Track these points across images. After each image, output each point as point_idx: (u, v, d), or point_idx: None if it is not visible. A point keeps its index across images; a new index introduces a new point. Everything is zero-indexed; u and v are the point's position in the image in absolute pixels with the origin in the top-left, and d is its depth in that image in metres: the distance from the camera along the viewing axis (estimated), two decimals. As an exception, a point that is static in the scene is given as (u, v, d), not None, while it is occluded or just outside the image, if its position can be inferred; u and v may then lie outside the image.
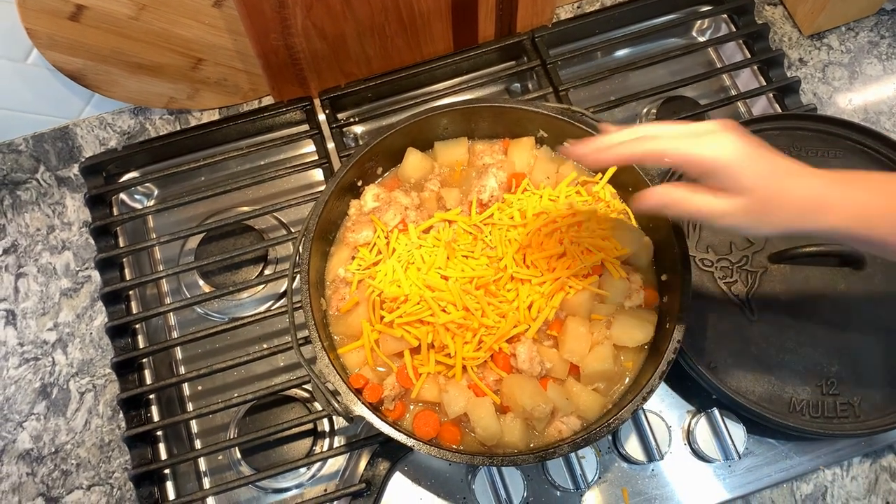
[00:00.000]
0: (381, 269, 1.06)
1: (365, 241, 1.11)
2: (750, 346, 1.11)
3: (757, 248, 1.15)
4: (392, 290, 1.04)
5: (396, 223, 1.10)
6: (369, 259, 1.09)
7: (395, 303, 1.04)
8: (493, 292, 1.04)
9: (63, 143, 1.41)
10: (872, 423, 1.06)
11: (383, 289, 1.04)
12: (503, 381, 1.01)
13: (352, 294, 1.08)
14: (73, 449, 1.21)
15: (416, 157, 1.15)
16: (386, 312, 1.04)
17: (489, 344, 1.01)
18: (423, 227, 1.10)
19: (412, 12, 1.28)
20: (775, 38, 1.47)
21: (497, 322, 1.02)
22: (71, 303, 1.30)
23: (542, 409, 0.97)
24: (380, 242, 1.09)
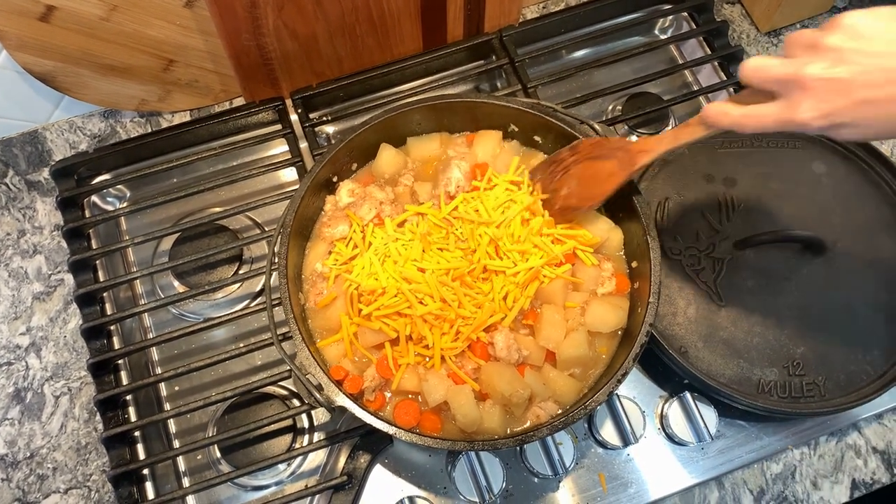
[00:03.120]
0: (358, 262, 1.08)
1: (341, 235, 1.12)
2: (719, 330, 1.14)
3: (722, 235, 1.19)
4: (369, 283, 1.05)
5: (371, 217, 1.11)
6: (346, 254, 1.10)
7: (372, 296, 1.05)
8: (468, 283, 1.06)
9: (32, 148, 1.40)
10: (837, 402, 1.10)
11: (360, 282, 1.06)
12: (481, 368, 1.03)
13: (329, 289, 1.09)
14: (48, 453, 1.20)
15: (389, 152, 1.17)
16: (364, 305, 1.05)
17: (466, 334, 1.03)
18: (398, 220, 1.12)
19: (382, 12, 1.30)
20: (734, 35, 1.52)
21: (474, 313, 1.04)
22: (44, 306, 1.29)
23: (521, 395, 0.99)
24: (356, 237, 1.11)
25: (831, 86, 0.72)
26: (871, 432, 1.21)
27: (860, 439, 1.20)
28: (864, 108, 0.71)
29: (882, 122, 0.72)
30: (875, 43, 0.71)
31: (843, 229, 1.19)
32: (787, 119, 0.76)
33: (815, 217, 1.20)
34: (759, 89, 0.80)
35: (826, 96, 0.72)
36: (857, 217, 1.21)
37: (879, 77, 0.70)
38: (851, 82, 0.71)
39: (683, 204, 1.22)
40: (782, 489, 1.17)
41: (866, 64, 0.70)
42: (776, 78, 0.77)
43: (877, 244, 1.19)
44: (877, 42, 0.71)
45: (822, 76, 0.72)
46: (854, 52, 0.71)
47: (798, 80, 0.74)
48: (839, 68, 0.71)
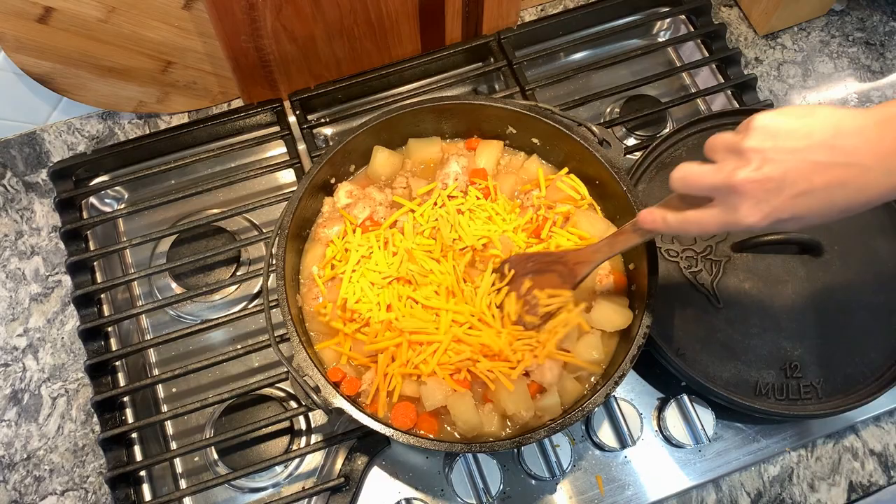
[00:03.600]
0: (346, 274, 1.08)
1: (337, 236, 1.12)
2: (716, 332, 1.14)
3: (720, 237, 1.19)
4: (354, 304, 1.05)
5: (365, 216, 1.11)
6: (339, 245, 1.10)
7: (357, 314, 1.06)
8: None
9: (30, 149, 1.40)
10: (834, 404, 1.10)
11: (347, 297, 1.06)
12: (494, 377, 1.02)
13: (323, 295, 1.09)
14: (45, 454, 1.20)
15: (383, 154, 1.17)
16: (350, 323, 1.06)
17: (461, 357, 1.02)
18: (389, 221, 1.12)
19: (380, 14, 1.30)
20: (732, 37, 1.52)
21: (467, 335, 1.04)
22: (41, 308, 1.29)
23: (522, 417, 0.99)
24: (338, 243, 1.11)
25: (764, 186, 0.74)
26: (869, 435, 1.21)
27: (857, 442, 1.20)
28: (801, 200, 0.73)
29: (821, 210, 0.74)
30: (791, 139, 0.73)
31: (840, 232, 1.19)
32: (731, 222, 0.78)
33: (813, 219, 1.20)
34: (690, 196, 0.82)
35: (762, 196, 0.74)
36: (855, 220, 1.17)
37: (805, 169, 0.72)
38: (783, 179, 0.73)
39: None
40: (779, 491, 1.17)
41: (789, 160, 0.73)
42: (710, 186, 0.78)
43: (873, 247, 1.19)
44: (792, 138, 0.73)
45: (753, 178, 0.74)
46: (775, 150, 0.73)
47: (731, 186, 0.75)
48: (767, 168, 0.73)
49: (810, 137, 0.72)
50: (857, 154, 0.72)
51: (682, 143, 1.24)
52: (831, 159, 0.72)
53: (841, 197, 0.73)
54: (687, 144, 1.24)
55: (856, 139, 0.72)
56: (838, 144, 0.72)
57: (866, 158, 0.71)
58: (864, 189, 0.73)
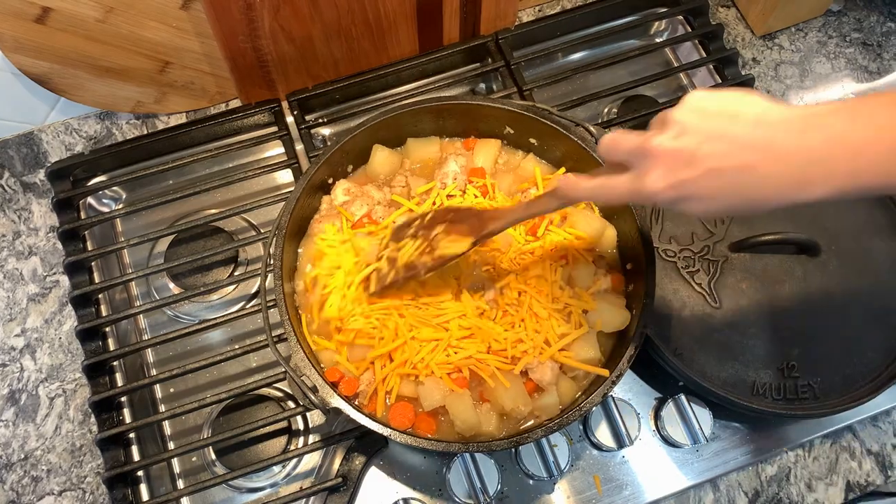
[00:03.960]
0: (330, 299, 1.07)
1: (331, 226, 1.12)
2: (714, 332, 1.14)
3: (718, 237, 1.19)
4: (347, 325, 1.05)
5: (363, 214, 1.11)
6: (333, 238, 1.10)
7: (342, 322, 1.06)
8: None
9: (28, 149, 1.40)
10: (831, 404, 1.10)
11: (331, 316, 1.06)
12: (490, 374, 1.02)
13: (312, 296, 1.09)
14: (43, 455, 1.20)
15: (383, 153, 1.17)
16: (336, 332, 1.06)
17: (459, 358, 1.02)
18: (388, 220, 1.12)
19: (378, 14, 1.31)
20: (729, 38, 1.52)
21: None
22: (39, 308, 1.29)
23: (521, 412, 1.00)
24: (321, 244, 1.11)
25: (676, 155, 0.72)
26: (866, 434, 1.21)
27: (855, 441, 1.21)
28: (711, 177, 0.72)
29: (728, 194, 0.73)
30: (715, 118, 0.72)
31: (838, 232, 1.19)
32: (637, 189, 0.77)
33: (810, 220, 1.20)
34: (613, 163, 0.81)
35: (672, 165, 0.73)
36: (851, 220, 1.21)
37: (722, 147, 0.71)
38: (695, 151, 0.71)
39: (678, 206, 1.22)
40: (777, 491, 1.17)
41: (707, 135, 0.71)
42: (626, 149, 0.78)
43: (871, 247, 1.19)
44: (717, 117, 0.72)
45: (666, 145, 0.73)
46: (696, 125, 0.72)
47: (645, 149, 0.75)
48: (683, 138, 0.72)
49: (734, 119, 0.71)
50: (773, 143, 0.70)
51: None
52: (748, 142, 0.70)
53: (748, 184, 0.72)
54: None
55: (776, 129, 0.70)
56: (759, 131, 0.70)
57: (781, 150, 0.70)
58: (770, 179, 0.71)
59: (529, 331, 1.04)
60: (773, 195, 0.72)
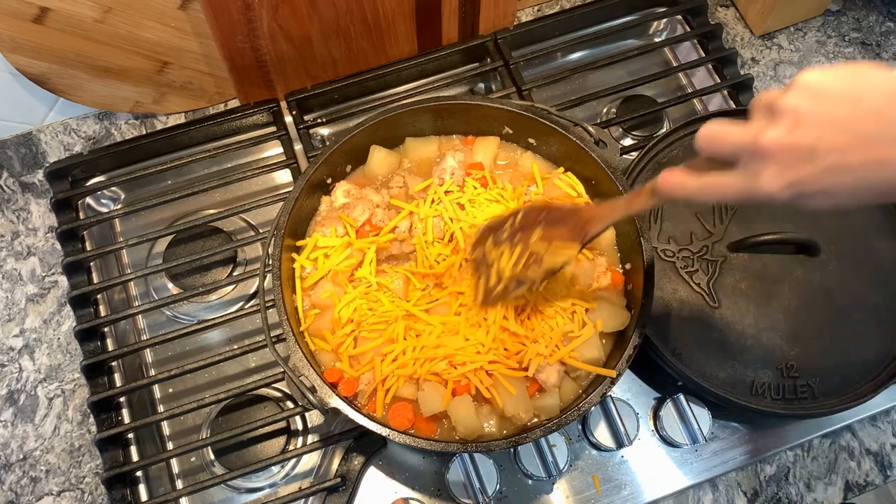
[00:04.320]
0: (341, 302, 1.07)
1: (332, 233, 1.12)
2: (712, 332, 1.14)
3: (716, 237, 1.19)
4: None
5: (364, 220, 1.11)
6: (334, 241, 1.10)
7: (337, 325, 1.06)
8: None
9: (27, 149, 1.40)
10: (830, 403, 1.10)
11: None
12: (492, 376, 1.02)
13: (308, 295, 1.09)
14: (42, 455, 1.20)
15: (380, 153, 1.17)
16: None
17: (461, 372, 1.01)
18: (390, 226, 1.11)
19: (376, 14, 1.31)
20: (728, 37, 1.52)
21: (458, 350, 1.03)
22: (37, 308, 1.29)
23: (521, 419, 0.99)
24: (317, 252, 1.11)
25: (793, 151, 0.65)
26: (865, 434, 1.21)
27: (854, 441, 1.21)
28: (834, 174, 0.64)
29: (854, 189, 0.65)
30: (835, 102, 0.64)
31: (836, 231, 1.19)
32: (751, 189, 0.69)
33: (809, 219, 1.20)
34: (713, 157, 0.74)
35: (790, 163, 0.65)
36: (851, 220, 1.21)
37: (844, 140, 0.63)
38: (814, 147, 0.64)
39: (677, 206, 1.22)
40: (776, 491, 1.17)
41: (830, 124, 0.63)
42: (735, 145, 0.70)
43: (869, 246, 1.19)
44: (836, 101, 0.64)
45: (781, 141, 0.65)
46: (813, 113, 0.64)
47: (756, 147, 0.67)
48: (799, 131, 0.64)
49: (857, 103, 0.63)
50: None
51: (678, 144, 1.24)
52: (877, 132, 0.62)
53: (881, 178, 0.63)
54: (683, 144, 1.24)
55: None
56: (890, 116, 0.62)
57: None
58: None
59: (544, 330, 1.03)
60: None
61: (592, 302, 1.06)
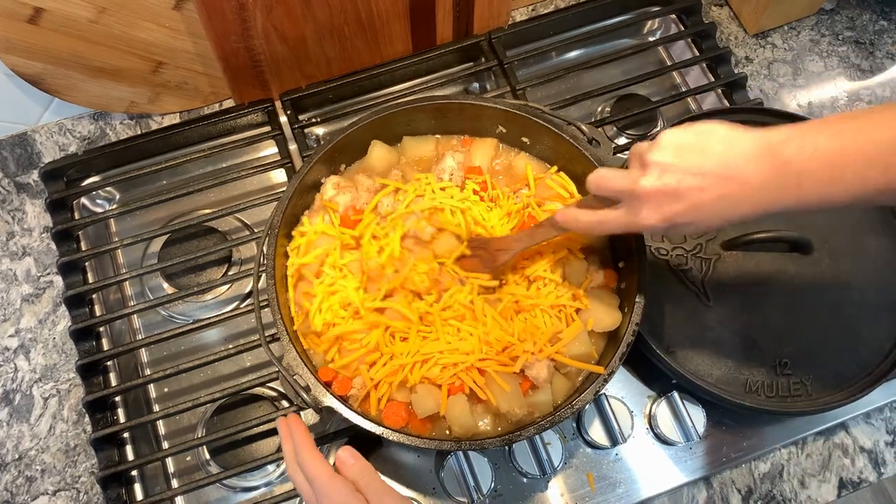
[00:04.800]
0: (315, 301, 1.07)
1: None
2: (706, 330, 1.14)
3: (710, 236, 1.19)
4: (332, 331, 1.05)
5: (346, 205, 1.11)
6: (318, 228, 1.10)
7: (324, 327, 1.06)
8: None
9: (21, 150, 1.40)
10: (824, 401, 1.10)
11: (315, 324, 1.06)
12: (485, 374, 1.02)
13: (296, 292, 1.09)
14: (37, 455, 1.20)
15: (381, 149, 1.17)
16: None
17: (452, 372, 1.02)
18: (371, 205, 1.11)
19: (371, 14, 1.31)
20: (722, 36, 1.52)
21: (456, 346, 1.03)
22: (33, 308, 1.29)
23: (516, 414, 1.00)
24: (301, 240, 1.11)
25: (663, 194, 0.81)
26: (859, 431, 1.21)
27: (847, 438, 1.21)
28: (695, 208, 0.80)
29: (714, 217, 0.81)
30: (689, 154, 0.80)
31: (830, 229, 1.20)
32: (632, 223, 0.85)
33: (803, 217, 1.20)
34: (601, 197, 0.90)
35: (661, 202, 0.81)
36: (845, 217, 1.21)
37: (699, 182, 0.79)
38: (678, 188, 0.80)
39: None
40: (770, 488, 1.17)
41: (686, 171, 0.80)
42: (617, 189, 0.86)
43: (863, 244, 1.20)
44: (690, 153, 0.80)
45: (652, 187, 0.81)
46: (673, 164, 0.80)
47: (634, 192, 0.83)
48: (665, 178, 0.81)
49: (705, 154, 0.80)
50: (743, 173, 0.78)
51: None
52: (721, 174, 0.79)
53: (727, 208, 0.80)
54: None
55: (740, 159, 0.78)
56: (729, 162, 0.79)
57: (747, 176, 0.78)
58: (745, 202, 0.79)
59: (532, 327, 1.04)
60: (750, 211, 0.81)
61: (584, 302, 1.06)
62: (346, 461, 0.89)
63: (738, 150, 0.79)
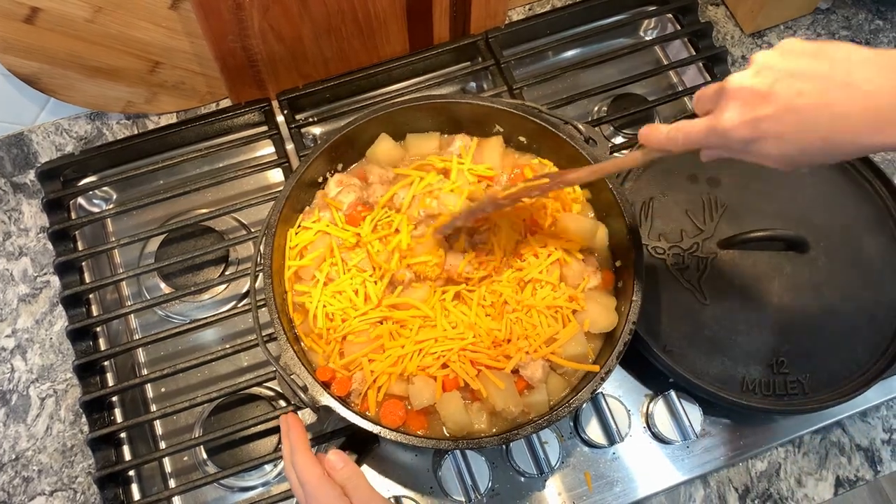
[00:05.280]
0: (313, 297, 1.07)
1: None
2: (703, 329, 1.14)
3: (707, 234, 1.20)
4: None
5: (350, 203, 1.11)
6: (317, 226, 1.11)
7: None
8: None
9: (18, 150, 1.39)
10: (820, 399, 1.10)
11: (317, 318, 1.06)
12: (481, 373, 1.02)
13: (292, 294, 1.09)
14: (34, 455, 1.20)
15: (388, 143, 1.17)
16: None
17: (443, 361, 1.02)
18: (385, 198, 1.11)
19: (368, 14, 1.31)
20: (718, 36, 1.53)
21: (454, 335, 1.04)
22: (29, 308, 1.29)
23: (511, 412, 1.00)
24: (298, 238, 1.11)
25: (754, 91, 0.72)
26: (856, 430, 1.22)
27: (844, 437, 1.21)
28: (787, 115, 0.70)
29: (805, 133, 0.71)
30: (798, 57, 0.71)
31: (827, 228, 1.20)
32: (712, 126, 0.76)
33: (799, 216, 1.21)
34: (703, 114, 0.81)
35: (749, 101, 0.72)
36: (841, 216, 1.22)
37: (800, 84, 0.70)
38: (772, 87, 0.71)
39: (668, 204, 1.23)
40: (767, 487, 1.18)
41: (788, 72, 0.71)
42: (711, 93, 0.78)
43: (860, 243, 1.20)
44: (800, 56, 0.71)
45: (743, 82, 0.73)
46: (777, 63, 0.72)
47: (723, 87, 0.75)
48: (761, 75, 0.72)
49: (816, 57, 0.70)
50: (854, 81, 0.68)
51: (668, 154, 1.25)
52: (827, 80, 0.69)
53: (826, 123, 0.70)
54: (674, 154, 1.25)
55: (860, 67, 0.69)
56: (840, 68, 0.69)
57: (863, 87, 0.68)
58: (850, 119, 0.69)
59: (528, 327, 1.04)
60: (851, 137, 0.70)
61: (581, 304, 1.06)
62: (335, 465, 0.87)
63: (861, 57, 0.69)
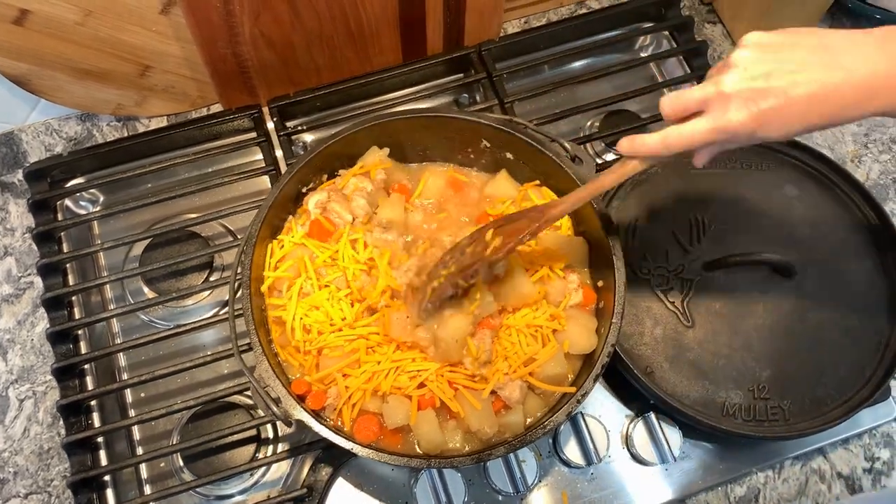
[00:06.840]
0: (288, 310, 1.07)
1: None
2: (685, 351, 1.14)
3: (692, 256, 1.19)
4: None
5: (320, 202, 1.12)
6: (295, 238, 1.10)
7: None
8: None
9: (7, 149, 1.39)
10: (801, 427, 1.09)
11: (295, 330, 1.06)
12: (458, 392, 1.02)
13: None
14: (10, 457, 1.19)
15: (377, 155, 1.17)
16: None
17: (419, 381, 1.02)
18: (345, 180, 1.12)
19: (360, 22, 1.30)
20: (714, 54, 1.52)
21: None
22: (12, 309, 1.29)
23: (486, 434, 0.99)
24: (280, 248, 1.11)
25: (752, 89, 0.76)
26: (837, 457, 1.21)
27: (825, 464, 1.20)
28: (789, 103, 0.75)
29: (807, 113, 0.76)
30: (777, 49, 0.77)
31: (813, 253, 1.19)
32: (720, 126, 0.79)
33: (786, 240, 1.20)
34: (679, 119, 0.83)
35: (751, 98, 0.76)
36: (827, 241, 1.21)
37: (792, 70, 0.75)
38: (767, 81, 0.75)
39: (654, 224, 1.22)
40: (745, 512, 1.17)
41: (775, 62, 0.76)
42: (698, 100, 0.80)
43: (846, 269, 1.19)
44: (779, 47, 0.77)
45: (741, 84, 0.76)
46: (759, 57, 0.77)
47: (719, 92, 0.78)
48: (753, 69, 0.76)
49: (797, 46, 0.76)
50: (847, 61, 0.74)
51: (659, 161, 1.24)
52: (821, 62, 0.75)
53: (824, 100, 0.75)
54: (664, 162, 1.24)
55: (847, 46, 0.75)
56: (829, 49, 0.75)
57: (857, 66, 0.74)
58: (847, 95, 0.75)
59: (507, 346, 1.04)
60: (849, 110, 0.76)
61: (562, 323, 1.05)
62: None
63: (839, 40, 0.75)
